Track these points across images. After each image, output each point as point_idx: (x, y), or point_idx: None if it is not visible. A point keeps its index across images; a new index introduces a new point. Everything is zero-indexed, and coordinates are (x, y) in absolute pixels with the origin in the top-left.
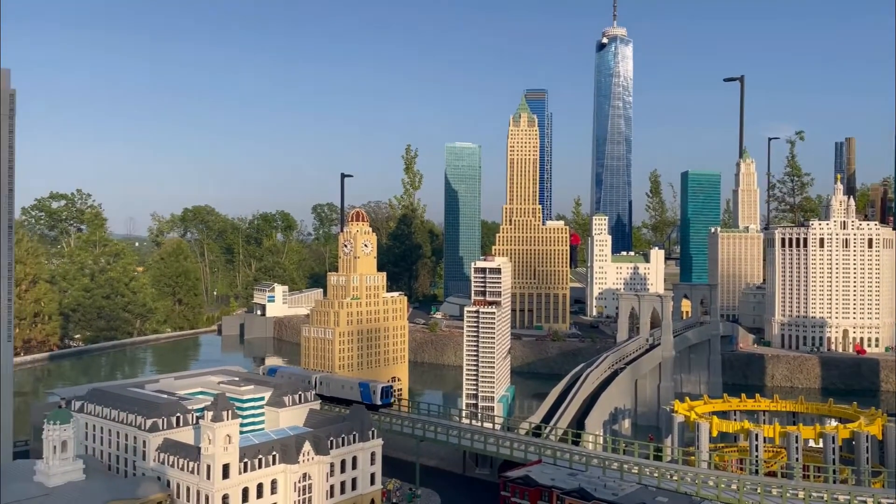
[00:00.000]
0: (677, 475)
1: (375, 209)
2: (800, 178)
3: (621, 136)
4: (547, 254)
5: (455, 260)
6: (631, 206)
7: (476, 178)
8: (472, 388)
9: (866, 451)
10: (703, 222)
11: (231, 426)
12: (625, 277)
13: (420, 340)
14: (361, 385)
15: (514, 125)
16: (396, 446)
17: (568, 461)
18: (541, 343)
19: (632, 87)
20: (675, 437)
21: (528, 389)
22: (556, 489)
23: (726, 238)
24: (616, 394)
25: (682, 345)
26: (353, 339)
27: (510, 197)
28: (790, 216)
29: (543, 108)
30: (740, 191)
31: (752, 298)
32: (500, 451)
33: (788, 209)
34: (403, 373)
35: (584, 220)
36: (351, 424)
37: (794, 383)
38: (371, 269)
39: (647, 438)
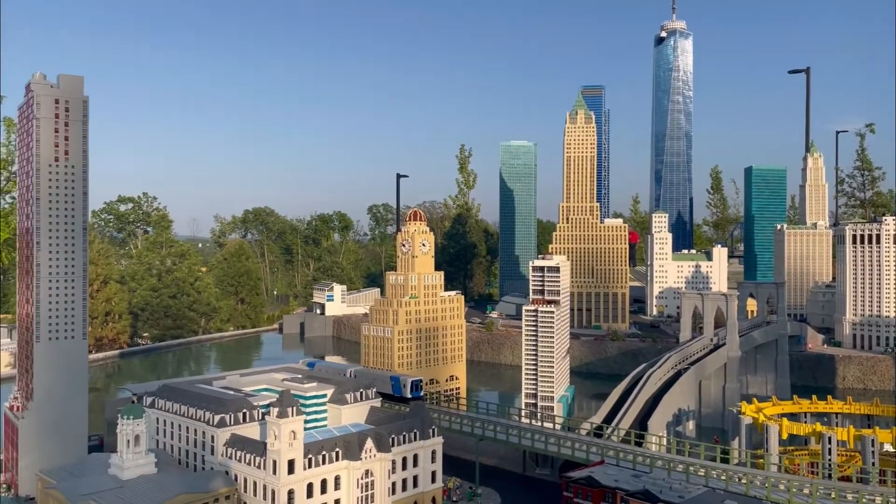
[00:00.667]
0: (746, 478)
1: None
2: (871, 172)
3: (681, 131)
4: (605, 252)
5: (510, 259)
6: (692, 203)
7: (531, 177)
8: (531, 388)
9: None
10: (768, 219)
11: (296, 422)
12: (686, 276)
13: (476, 339)
14: (393, 379)
15: (571, 122)
16: (456, 445)
17: (631, 462)
18: (600, 343)
19: (692, 81)
20: (742, 440)
21: (588, 389)
22: (620, 490)
23: (793, 235)
24: (679, 395)
25: (748, 345)
26: (411, 338)
27: (567, 195)
28: (860, 212)
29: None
30: (807, 186)
31: (821, 297)
32: (561, 451)
33: (858, 204)
34: (461, 371)
35: (643, 217)
36: (412, 422)
37: (866, 385)
38: (429, 269)
39: (713, 440)
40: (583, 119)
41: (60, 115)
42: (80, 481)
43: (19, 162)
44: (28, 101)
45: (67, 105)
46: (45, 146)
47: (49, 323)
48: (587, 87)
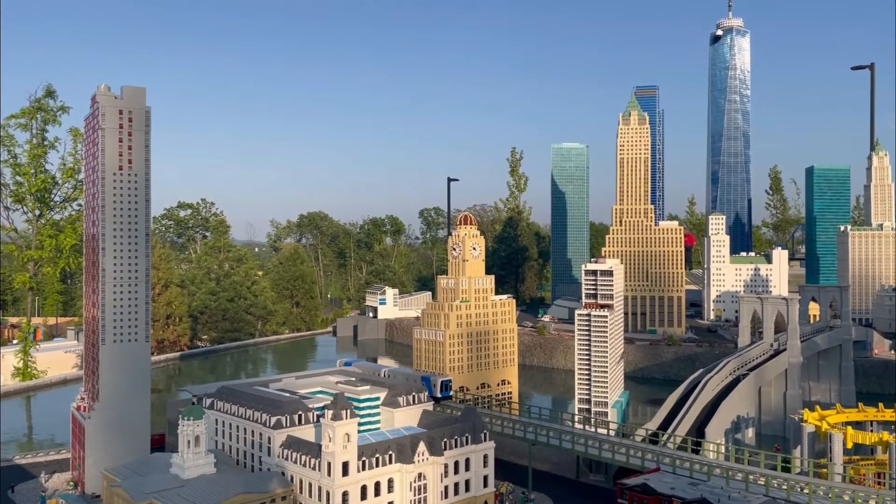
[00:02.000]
0: (808, 488)
1: (481, 212)
2: None
3: (738, 131)
4: (660, 255)
5: (563, 262)
6: (750, 204)
7: (584, 179)
8: (584, 393)
9: None
10: (830, 220)
11: (350, 425)
12: (744, 279)
13: (528, 343)
14: (424, 379)
15: (624, 124)
16: (508, 450)
17: (688, 470)
18: (655, 347)
19: (749, 80)
20: (804, 448)
21: (643, 395)
22: (676, 498)
23: (857, 237)
24: (738, 401)
25: (811, 350)
26: (462, 342)
27: (620, 197)
28: None
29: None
30: (872, 186)
31: (887, 301)
32: (615, 457)
33: None
34: (513, 376)
35: (699, 219)
36: (463, 426)
37: None
38: (479, 272)
39: (774, 449)
40: (636, 120)
41: (124, 125)
42: (143, 480)
43: (85, 171)
44: (93, 111)
45: (131, 115)
46: (109, 155)
47: (114, 326)
48: (641, 88)
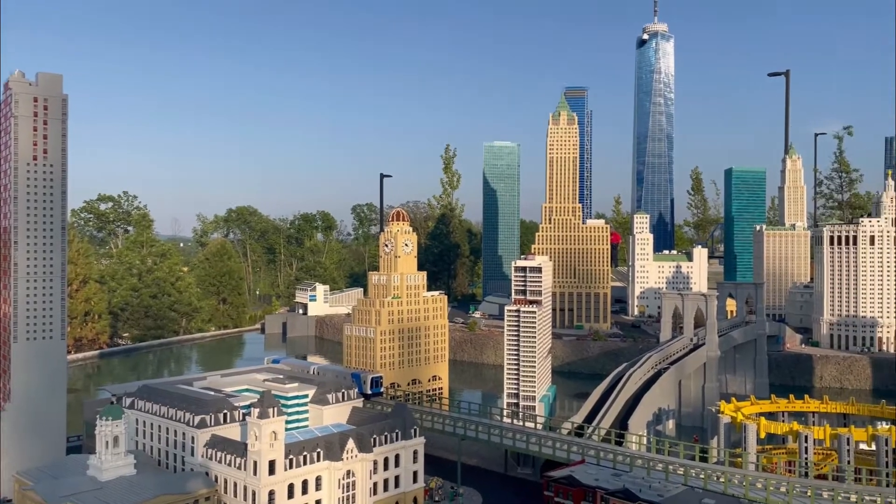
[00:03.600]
0: (724, 477)
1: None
2: (848, 174)
3: (663, 133)
4: (587, 253)
5: (494, 259)
6: (673, 204)
7: (515, 178)
8: (513, 388)
9: None
10: (747, 220)
11: (277, 423)
12: (667, 276)
13: (459, 339)
14: (354, 375)
15: (554, 123)
16: (439, 445)
17: (612, 461)
18: (582, 343)
19: (673, 83)
20: (721, 439)
21: (569, 389)
22: (600, 489)
23: (772, 236)
24: (660, 394)
25: (728, 345)
26: (393, 338)
27: (550, 196)
28: (838, 213)
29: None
30: (786, 188)
31: (799, 298)
32: (542, 450)
33: (836, 206)
34: (444, 371)
35: (625, 218)
36: (393, 422)
37: (843, 384)
38: (411, 269)
39: (693, 439)
40: (565, 120)
41: (39, 113)
42: (57, 482)
43: None
44: (6, 98)
45: (46, 103)
46: (23, 145)
47: (27, 323)
48: (570, 89)
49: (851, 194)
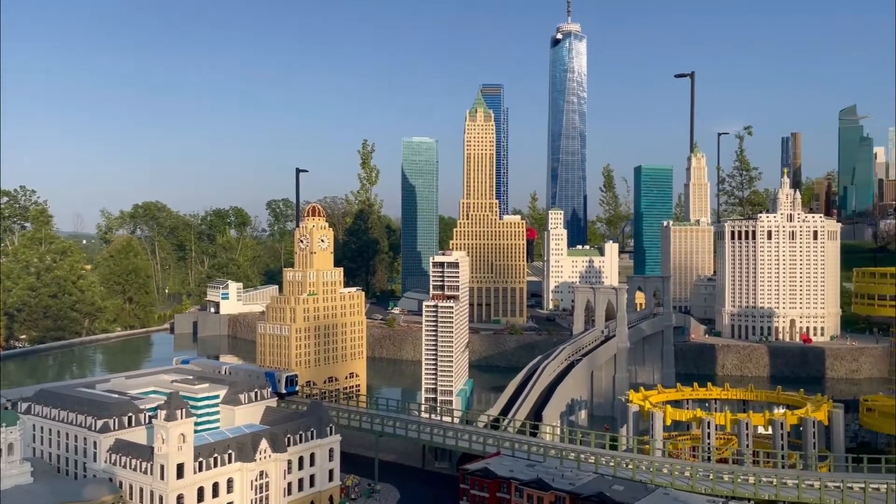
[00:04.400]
0: (632, 464)
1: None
2: (748, 172)
3: (576, 131)
4: (504, 248)
5: (413, 255)
6: (586, 200)
7: (433, 173)
8: (430, 383)
9: (813, 436)
10: (655, 216)
11: (185, 425)
12: (580, 271)
13: (378, 336)
14: (268, 375)
15: (471, 120)
16: (355, 442)
17: (526, 452)
18: (498, 337)
19: (586, 82)
20: (630, 427)
21: (487, 383)
22: (514, 480)
23: (678, 231)
24: (573, 385)
25: (637, 336)
26: (309, 336)
27: (467, 192)
28: (739, 209)
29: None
30: (691, 185)
31: (703, 290)
32: (458, 444)
33: (737, 203)
34: (361, 368)
35: (541, 214)
36: (308, 421)
37: (743, 372)
38: (328, 265)
39: (603, 428)
40: (482, 117)
41: None
42: None
43: None
44: None
45: None
46: None
47: None
48: (487, 86)
49: (751, 191)
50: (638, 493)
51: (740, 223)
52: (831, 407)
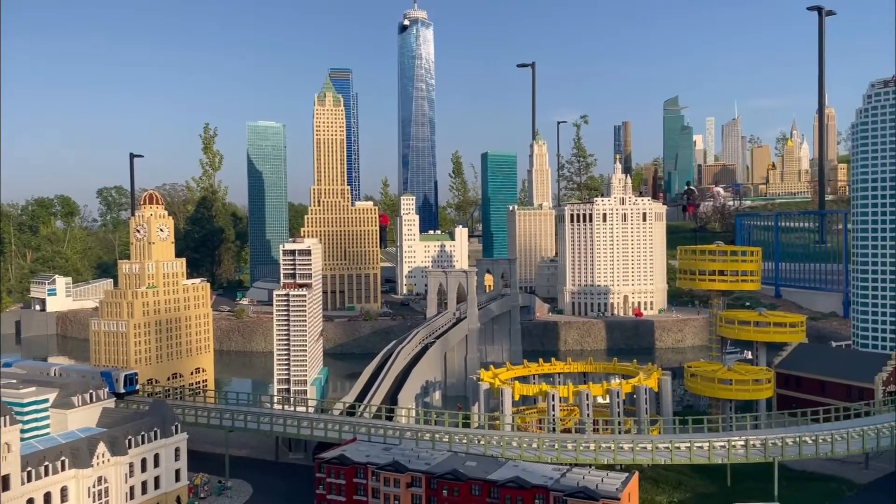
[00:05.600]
0: (484, 439)
1: (171, 192)
2: (585, 158)
3: (425, 117)
4: (357, 234)
5: (262, 243)
6: (436, 186)
7: (281, 159)
8: (283, 373)
9: (645, 402)
10: (501, 201)
11: (10, 433)
12: (432, 255)
13: (226, 328)
14: (104, 374)
15: (320, 104)
16: (204, 439)
17: (382, 437)
18: (353, 323)
19: (433, 69)
20: (481, 404)
21: (342, 370)
22: (371, 465)
23: (522, 215)
24: (427, 367)
25: (487, 317)
26: (150, 331)
27: (318, 178)
28: (577, 194)
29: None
30: (534, 171)
31: (546, 271)
32: (314, 433)
33: (576, 187)
34: (208, 363)
35: (393, 200)
36: (151, 421)
37: (583, 346)
38: (168, 256)
39: (457, 407)
40: (331, 102)
41: None
42: None
43: None
44: None
45: None
46: None
47: None
48: (335, 70)
49: (588, 177)
50: (490, 467)
51: (578, 207)
52: (660, 375)
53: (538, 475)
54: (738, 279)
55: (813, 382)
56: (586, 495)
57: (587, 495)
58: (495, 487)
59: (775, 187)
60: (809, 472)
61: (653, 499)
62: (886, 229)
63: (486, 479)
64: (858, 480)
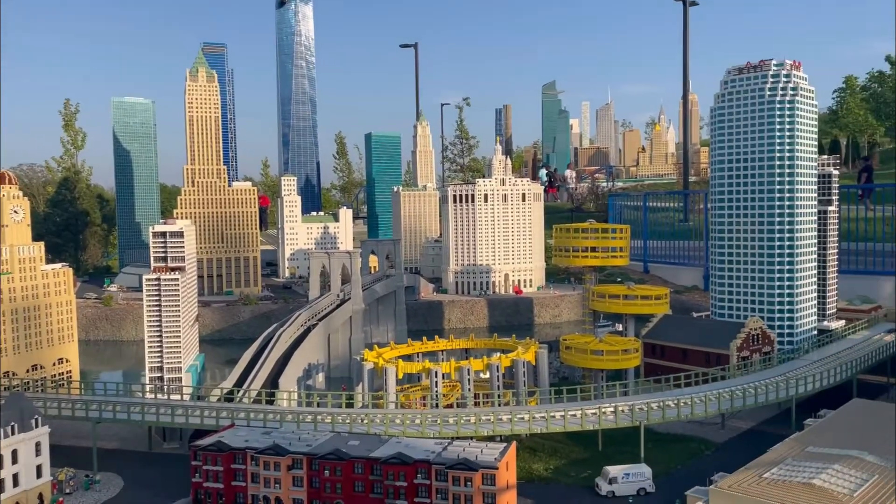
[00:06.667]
0: (367, 418)
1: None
2: (467, 140)
3: (306, 96)
4: (235, 216)
5: (131, 227)
6: (319, 166)
7: (151, 137)
8: (156, 361)
9: (523, 375)
10: (386, 182)
11: None
12: (316, 237)
13: (92, 316)
14: None
15: (192, 80)
16: (70, 433)
17: (262, 421)
18: (232, 308)
19: (314, 47)
20: (365, 384)
21: (221, 356)
22: (250, 450)
23: (407, 196)
24: (310, 350)
25: (371, 298)
26: (5, 321)
27: (191, 157)
28: (461, 175)
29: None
30: (418, 152)
31: (431, 251)
32: (189, 421)
33: (459, 169)
34: (73, 353)
35: (274, 181)
36: (8, 415)
37: (467, 324)
38: (24, 240)
39: (341, 388)
40: (205, 77)
41: None
42: None
43: None
44: None
45: None
46: None
47: None
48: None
49: (471, 158)
50: (373, 445)
51: (461, 187)
52: (537, 348)
53: (420, 450)
54: (608, 255)
55: (676, 351)
56: (466, 466)
57: (467, 466)
58: (378, 464)
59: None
60: (673, 434)
61: (530, 466)
62: (740, 208)
63: (369, 456)
64: (716, 440)
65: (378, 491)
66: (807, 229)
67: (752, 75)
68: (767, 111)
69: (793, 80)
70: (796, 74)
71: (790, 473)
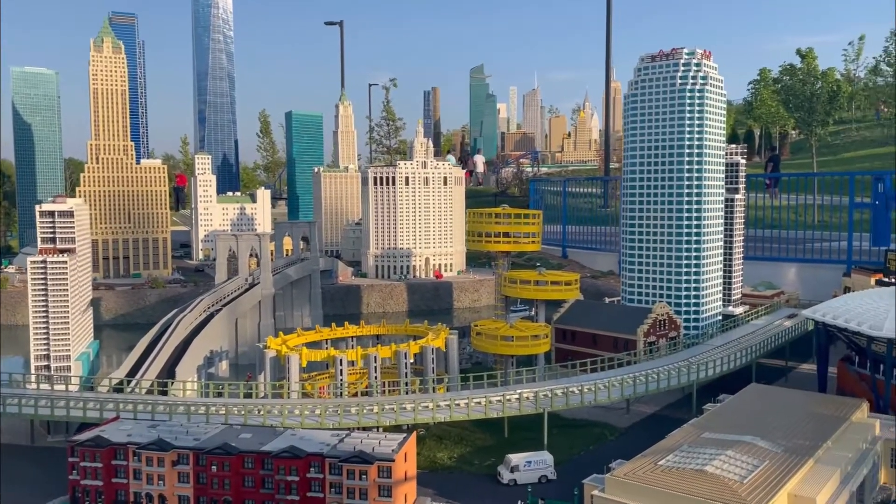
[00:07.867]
0: (264, 409)
1: None
2: (394, 122)
3: (224, 71)
4: (143, 195)
5: (32, 204)
6: (237, 144)
7: (54, 110)
8: (42, 349)
9: (432, 361)
10: (307, 162)
11: None
12: (232, 219)
13: None
14: None
15: (96, 51)
16: None
17: (151, 413)
18: (138, 292)
19: (232, 21)
20: (267, 373)
21: (124, 343)
22: (132, 445)
23: (328, 177)
24: (213, 336)
25: (283, 282)
26: None
27: (95, 132)
28: (387, 157)
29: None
30: (339, 132)
31: (351, 234)
32: (70, 413)
33: (385, 151)
34: None
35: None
36: None
37: (385, 309)
38: None
39: (246, 377)
40: (111, 48)
41: None
42: None
43: None
44: None
45: None
46: None
47: None
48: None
49: (398, 141)
50: (266, 438)
51: (381, 169)
52: (448, 334)
53: (315, 443)
54: (521, 241)
55: (586, 336)
56: (361, 459)
57: (362, 459)
58: (269, 458)
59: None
60: (579, 420)
61: (434, 455)
62: (649, 194)
63: (260, 450)
64: (620, 425)
65: (269, 486)
66: (714, 216)
67: (664, 63)
68: (678, 99)
69: (703, 69)
70: (706, 64)
71: (684, 460)
